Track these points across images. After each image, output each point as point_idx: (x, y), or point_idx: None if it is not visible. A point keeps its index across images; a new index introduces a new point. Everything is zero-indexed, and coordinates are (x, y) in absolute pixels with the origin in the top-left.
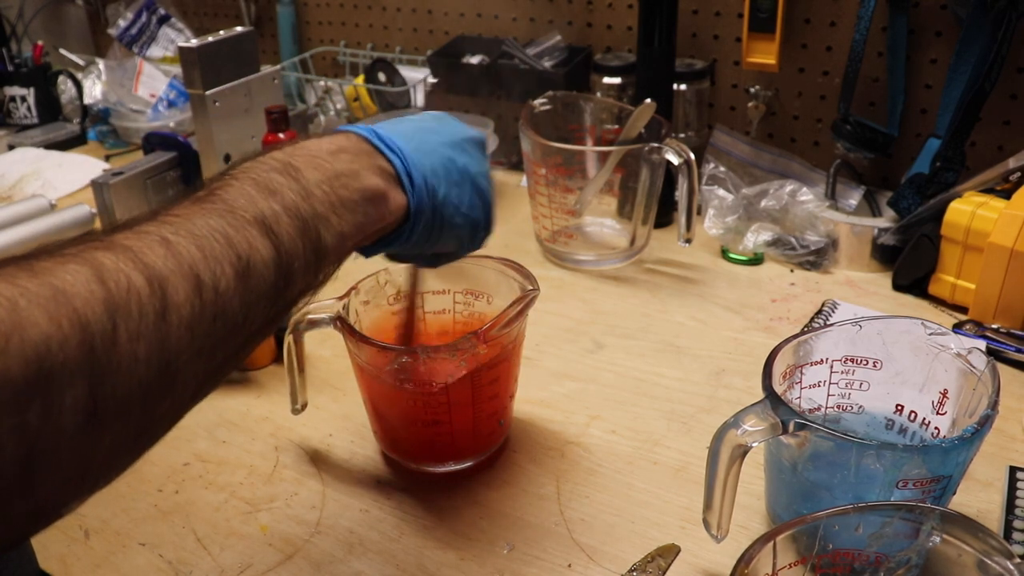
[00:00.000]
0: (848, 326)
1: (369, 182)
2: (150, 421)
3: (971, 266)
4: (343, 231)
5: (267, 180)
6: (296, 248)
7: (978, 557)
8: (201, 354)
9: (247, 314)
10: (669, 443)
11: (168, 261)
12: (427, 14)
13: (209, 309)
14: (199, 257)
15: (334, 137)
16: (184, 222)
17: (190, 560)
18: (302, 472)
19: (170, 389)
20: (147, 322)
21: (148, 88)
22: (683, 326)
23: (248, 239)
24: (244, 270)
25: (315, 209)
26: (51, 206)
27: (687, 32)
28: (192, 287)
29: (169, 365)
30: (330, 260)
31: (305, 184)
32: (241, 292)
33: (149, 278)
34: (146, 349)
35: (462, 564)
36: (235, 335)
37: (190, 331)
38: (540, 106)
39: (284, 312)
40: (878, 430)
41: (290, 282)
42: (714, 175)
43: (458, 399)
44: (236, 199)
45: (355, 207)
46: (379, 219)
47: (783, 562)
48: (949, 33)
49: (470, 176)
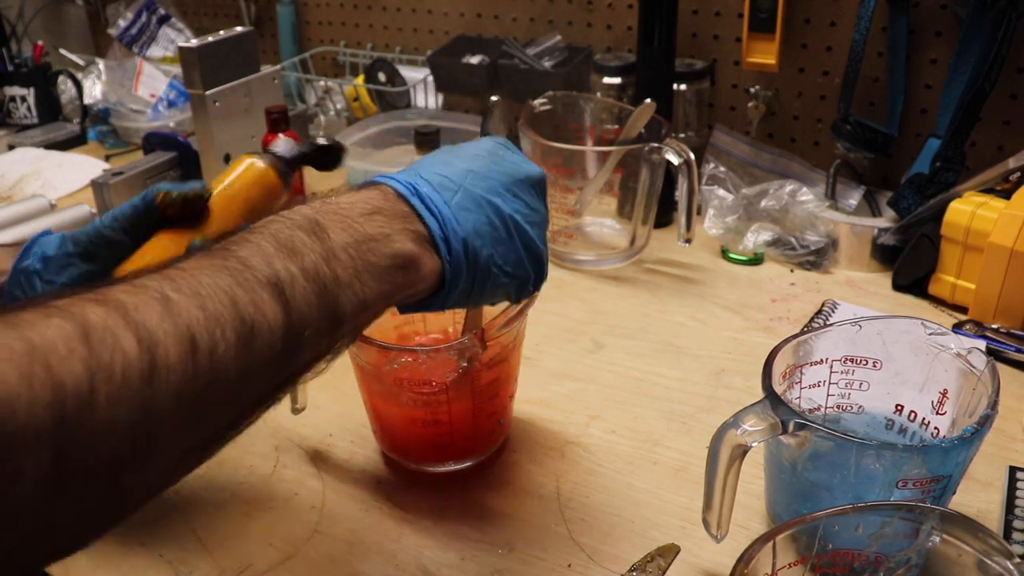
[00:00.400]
0: (848, 326)
1: (401, 247)
2: (119, 492)
3: (971, 266)
4: (365, 299)
5: (289, 238)
6: (310, 314)
7: (978, 557)
8: (188, 423)
9: (246, 382)
10: (669, 443)
11: (164, 321)
12: (427, 14)
13: (203, 376)
14: (198, 317)
15: (371, 193)
16: (189, 279)
17: (190, 560)
18: (302, 472)
19: (147, 459)
20: (130, 386)
21: (148, 88)
22: (683, 326)
23: (256, 301)
24: (247, 335)
25: (337, 274)
26: (51, 206)
27: (687, 32)
28: (186, 350)
29: (150, 433)
30: (347, 328)
31: (330, 246)
32: (241, 358)
33: (139, 338)
34: (126, 415)
35: (462, 564)
36: (230, 404)
37: (177, 398)
38: (540, 106)
39: (289, 382)
40: (878, 430)
41: (298, 350)
42: (714, 175)
43: (458, 399)
44: (251, 257)
45: (382, 274)
46: (408, 286)
47: (783, 562)
48: (949, 33)
49: (520, 230)
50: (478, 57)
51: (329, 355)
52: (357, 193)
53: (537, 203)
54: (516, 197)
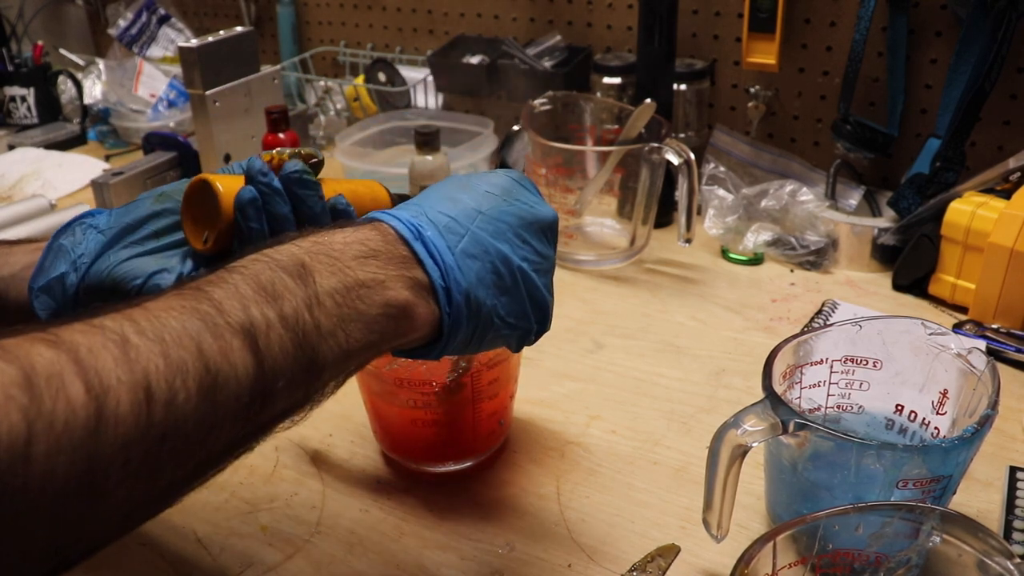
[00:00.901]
0: (848, 326)
1: (395, 295)
2: (67, 539)
3: (971, 266)
4: (349, 349)
5: (271, 280)
6: (285, 364)
7: (978, 557)
8: (138, 475)
9: (207, 435)
10: (669, 443)
11: (119, 367)
12: (427, 14)
13: (157, 427)
14: (158, 364)
15: (369, 233)
16: (155, 321)
17: (190, 560)
18: (302, 472)
19: (91, 510)
20: (73, 436)
21: (148, 88)
22: (683, 326)
23: (225, 350)
24: (211, 385)
25: (319, 321)
26: (51, 206)
27: (687, 32)
28: (140, 399)
29: (93, 485)
30: (326, 378)
31: (315, 291)
32: (202, 409)
33: (89, 385)
34: (67, 466)
35: (462, 564)
36: (187, 458)
37: (126, 449)
38: (540, 106)
39: (258, 435)
40: (878, 430)
41: (268, 402)
42: (714, 175)
43: (458, 399)
44: (226, 300)
45: (371, 323)
46: (399, 335)
47: (783, 562)
48: (949, 33)
49: (527, 279)
50: (478, 57)
51: (308, 405)
52: (354, 231)
53: (547, 249)
54: (525, 243)
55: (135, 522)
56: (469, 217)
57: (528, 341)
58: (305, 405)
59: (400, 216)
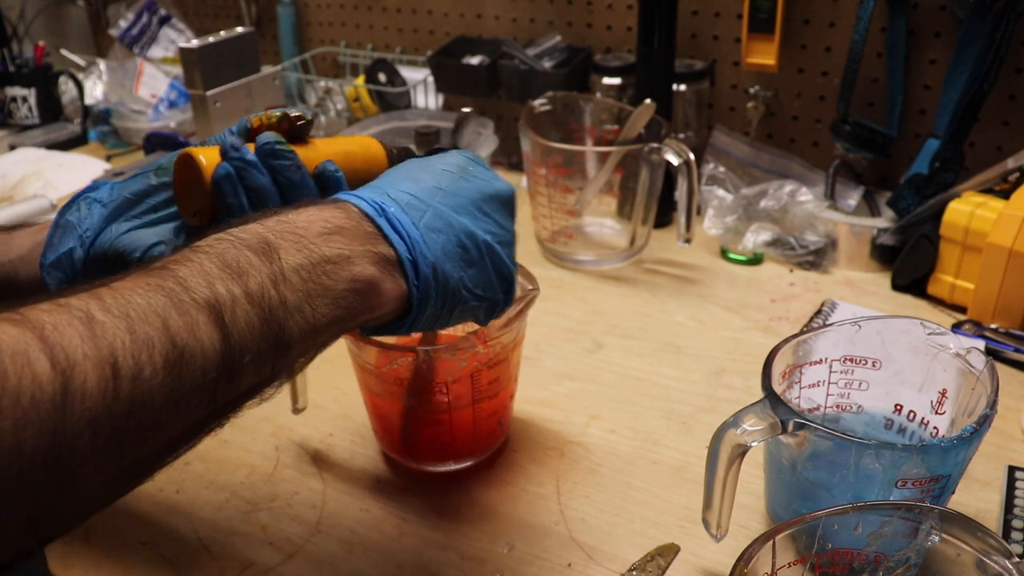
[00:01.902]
0: (847, 326)
1: (361, 271)
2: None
3: (970, 266)
4: (316, 324)
5: (236, 258)
6: (251, 339)
7: (977, 556)
8: (105, 452)
9: (174, 409)
10: (669, 443)
11: (85, 343)
12: (427, 15)
13: (123, 402)
14: (124, 340)
15: (333, 211)
16: (119, 298)
17: (191, 559)
18: (303, 472)
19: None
20: (39, 410)
21: (149, 88)
22: (682, 326)
23: (191, 325)
24: (177, 360)
25: (285, 297)
26: (52, 206)
27: (687, 33)
28: (106, 375)
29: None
30: (295, 353)
31: (280, 268)
32: (169, 384)
33: (54, 361)
34: (34, 440)
35: (462, 564)
36: (154, 433)
37: (92, 424)
38: (540, 106)
39: (227, 411)
40: (877, 430)
41: (235, 377)
42: (714, 175)
43: (458, 399)
44: (190, 277)
45: (337, 298)
46: (366, 311)
47: (782, 561)
48: (948, 34)
49: (490, 251)
50: (478, 57)
51: (276, 382)
52: (318, 210)
53: (507, 221)
54: (487, 216)
55: (105, 499)
56: (430, 194)
57: (495, 314)
58: (273, 381)
59: (363, 195)
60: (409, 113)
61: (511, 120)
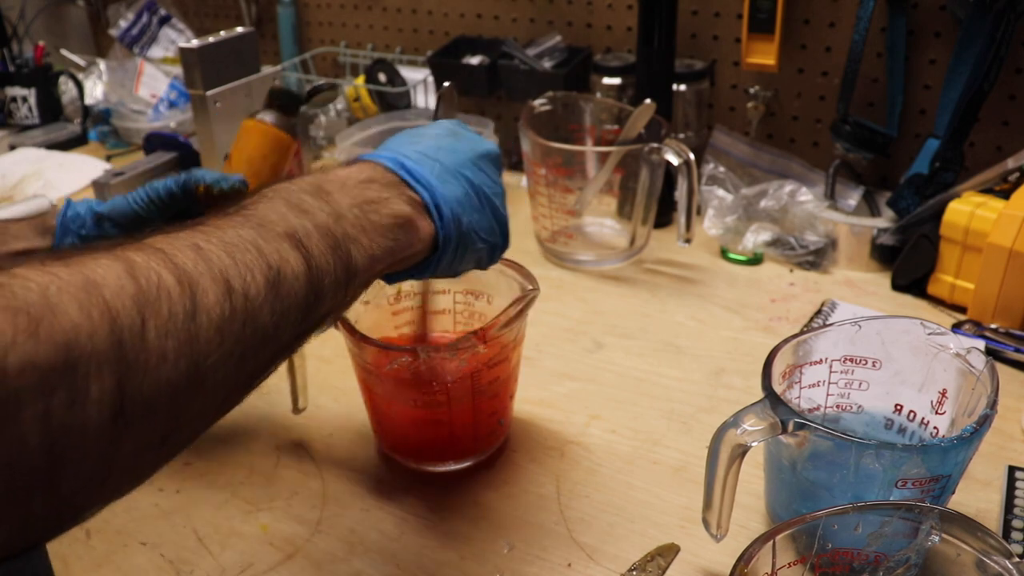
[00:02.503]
0: (847, 326)
1: (400, 209)
2: (176, 423)
3: (970, 266)
4: (373, 253)
5: (299, 200)
6: (327, 265)
7: (977, 556)
8: (231, 359)
9: (278, 324)
10: (669, 443)
11: (199, 264)
12: (427, 15)
13: (239, 315)
14: (229, 263)
15: (361, 166)
16: (215, 231)
17: (191, 559)
18: (303, 472)
19: (198, 392)
20: (176, 321)
21: (149, 89)
22: (682, 326)
23: (279, 251)
24: (275, 280)
25: (346, 230)
26: (52, 206)
27: (686, 33)
28: (222, 291)
29: (198, 367)
30: (359, 281)
31: (336, 207)
32: (271, 301)
33: (179, 278)
34: (175, 348)
35: (462, 563)
36: (265, 345)
37: (219, 334)
38: (540, 106)
39: (313, 328)
40: (877, 430)
41: (320, 298)
42: (714, 175)
43: (458, 399)
44: (267, 215)
45: (385, 231)
46: (408, 246)
47: (782, 561)
48: (948, 34)
49: (488, 199)
50: (478, 57)
51: (342, 307)
52: (346, 169)
53: (497, 175)
54: (481, 171)
55: (225, 408)
56: (434, 151)
57: (495, 258)
58: (342, 305)
59: (380, 155)
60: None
61: (511, 120)
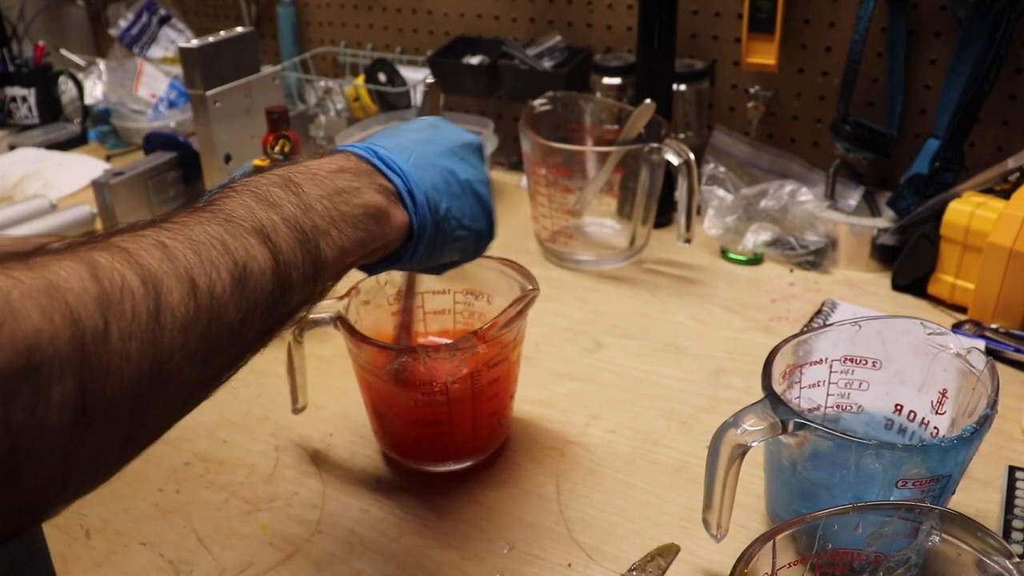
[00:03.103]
0: (847, 326)
1: (370, 199)
2: (139, 423)
3: (970, 266)
4: (343, 245)
5: (267, 193)
6: (295, 259)
7: (977, 556)
8: (195, 358)
9: (243, 321)
10: (669, 443)
11: (164, 263)
12: (427, 15)
13: (204, 313)
14: (195, 261)
15: (333, 156)
16: (182, 228)
17: (191, 560)
18: (302, 472)
19: (161, 392)
20: (140, 322)
21: (149, 88)
22: (682, 326)
23: (246, 247)
24: (241, 276)
25: (315, 222)
26: (52, 206)
27: (687, 33)
28: (187, 290)
29: (162, 367)
30: (329, 274)
31: (305, 199)
32: (237, 298)
33: (143, 278)
34: (138, 349)
35: (462, 564)
36: (231, 343)
37: (183, 333)
38: (540, 106)
39: (282, 323)
40: (877, 430)
41: (287, 292)
42: (714, 175)
43: (458, 399)
44: (234, 209)
45: (356, 222)
46: (380, 236)
47: (782, 561)
48: (948, 34)
49: (470, 186)
50: (478, 57)
51: (314, 299)
52: (320, 158)
53: (480, 164)
54: (461, 159)
55: (190, 406)
56: (411, 142)
57: (482, 246)
58: (312, 299)
59: (354, 145)
60: (409, 113)
61: (511, 120)
